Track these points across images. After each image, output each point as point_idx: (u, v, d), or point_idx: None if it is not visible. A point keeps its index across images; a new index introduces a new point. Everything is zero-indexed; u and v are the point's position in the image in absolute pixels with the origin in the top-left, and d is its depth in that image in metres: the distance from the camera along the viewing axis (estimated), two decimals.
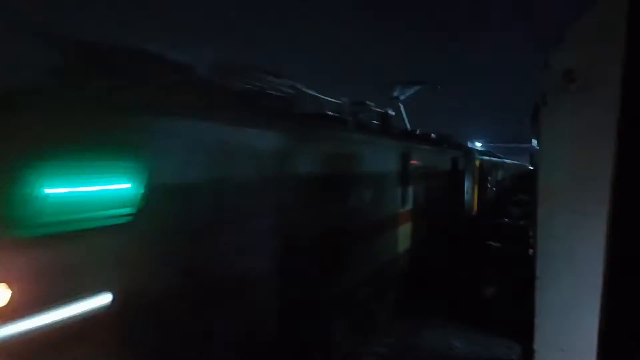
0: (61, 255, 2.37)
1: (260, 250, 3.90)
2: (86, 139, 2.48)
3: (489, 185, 26.41)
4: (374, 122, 8.62)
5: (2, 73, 2.56)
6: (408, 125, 12.55)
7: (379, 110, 8.45)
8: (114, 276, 2.59)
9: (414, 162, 8.90)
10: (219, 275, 3.37)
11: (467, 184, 18.23)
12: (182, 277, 3.04)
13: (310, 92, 6.23)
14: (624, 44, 2.44)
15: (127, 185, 2.69)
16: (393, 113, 9.12)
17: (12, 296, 2.14)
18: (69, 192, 2.41)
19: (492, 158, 30.48)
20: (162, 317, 2.88)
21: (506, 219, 22.79)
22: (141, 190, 2.72)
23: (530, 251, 4.33)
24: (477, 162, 21.79)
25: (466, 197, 16.60)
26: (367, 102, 7.98)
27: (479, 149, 33.17)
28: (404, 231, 9.29)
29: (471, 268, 13.71)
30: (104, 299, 2.54)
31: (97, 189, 2.54)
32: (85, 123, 2.52)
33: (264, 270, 3.97)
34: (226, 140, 3.52)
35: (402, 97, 12.86)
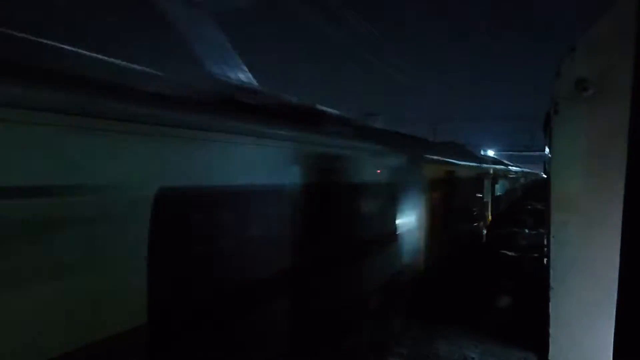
0: None
1: None
2: None
3: (501, 194, 26.19)
4: None
5: None
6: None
7: None
8: None
9: None
10: None
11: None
12: None
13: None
14: (636, 51, 2.43)
15: None
16: None
17: None
18: None
19: (503, 166, 30.20)
20: None
21: (519, 228, 22.59)
22: None
23: (545, 260, 4.30)
24: (492, 171, 21.58)
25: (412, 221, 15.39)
26: None
27: (493, 156, 32.80)
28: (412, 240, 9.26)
29: (486, 277, 13.61)
30: None
31: None
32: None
33: None
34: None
35: None
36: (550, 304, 2.75)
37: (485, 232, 18.37)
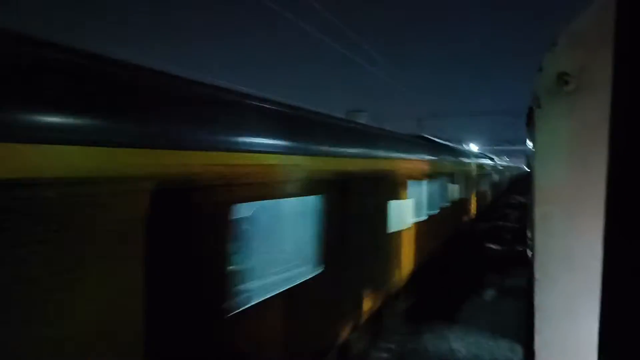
0: None
1: None
2: None
3: (486, 188, 26.37)
4: None
5: None
6: None
7: None
8: None
9: None
10: None
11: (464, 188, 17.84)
12: None
13: None
14: (615, 46, 2.47)
15: None
16: None
17: None
18: None
19: (487, 161, 30.41)
20: None
21: (503, 222, 22.75)
22: None
23: (529, 252, 4.36)
24: (475, 166, 21.59)
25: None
26: None
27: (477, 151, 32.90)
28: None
29: (471, 270, 13.73)
30: None
31: None
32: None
33: None
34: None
35: None
36: (534, 295, 2.79)
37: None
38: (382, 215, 7.41)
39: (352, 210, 6.13)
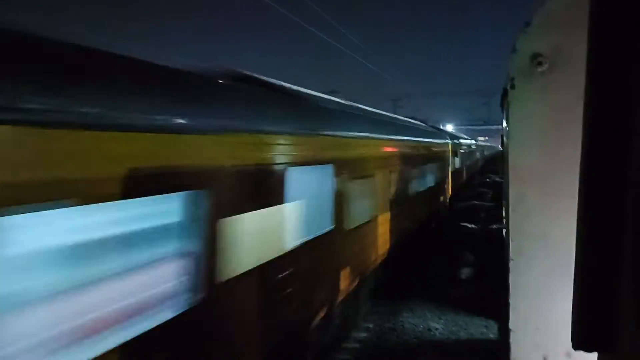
0: None
1: None
2: None
3: (461, 168, 26.67)
4: None
5: None
6: None
7: None
8: None
9: None
10: None
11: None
12: None
13: None
14: (589, 26, 2.47)
15: None
16: None
17: None
18: None
19: (463, 140, 30.70)
20: None
21: (478, 201, 23.04)
22: None
23: (504, 232, 4.43)
24: (450, 145, 21.80)
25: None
26: None
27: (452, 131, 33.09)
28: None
29: (447, 250, 13.91)
30: None
31: None
32: None
33: None
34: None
35: None
36: (510, 274, 2.82)
37: None
38: None
39: None
